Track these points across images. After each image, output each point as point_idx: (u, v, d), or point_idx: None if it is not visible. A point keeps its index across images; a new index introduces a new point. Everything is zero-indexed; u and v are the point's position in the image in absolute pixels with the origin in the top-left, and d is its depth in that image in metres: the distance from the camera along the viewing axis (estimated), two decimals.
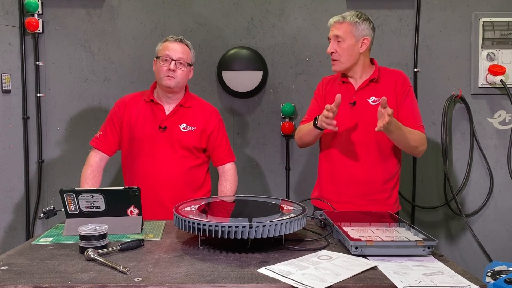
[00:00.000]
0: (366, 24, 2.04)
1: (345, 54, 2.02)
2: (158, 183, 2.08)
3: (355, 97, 2.07)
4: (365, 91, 2.07)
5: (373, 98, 2.05)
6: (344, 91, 2.08)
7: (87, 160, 2.16)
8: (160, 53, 2.10)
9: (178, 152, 2.11)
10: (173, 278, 1.22)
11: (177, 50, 2.08)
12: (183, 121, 2.13)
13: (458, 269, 1.30)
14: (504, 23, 2.78)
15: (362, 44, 2.04)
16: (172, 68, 2.05)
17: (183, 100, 2.15)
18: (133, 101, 2.18)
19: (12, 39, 2.77)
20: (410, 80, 2.82)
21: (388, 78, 2.08)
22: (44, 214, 1.74)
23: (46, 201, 2.88)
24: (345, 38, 2.01)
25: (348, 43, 2.02)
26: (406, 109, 2.04)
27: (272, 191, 2.92)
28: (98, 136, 2.18)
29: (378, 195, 2.06)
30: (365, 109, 2.04)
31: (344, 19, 2.03)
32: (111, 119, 2.18)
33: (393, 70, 2.15)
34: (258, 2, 2.84)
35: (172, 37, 2.13)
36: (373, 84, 2.07)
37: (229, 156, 2.23)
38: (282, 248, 1.48)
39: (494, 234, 2.88)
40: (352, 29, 2.01)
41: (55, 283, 1.20)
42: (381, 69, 2.12)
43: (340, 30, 2.02)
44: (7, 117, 2.77)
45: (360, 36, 2.02)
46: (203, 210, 1.59)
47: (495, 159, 2.86)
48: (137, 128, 2.13)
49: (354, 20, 2.02)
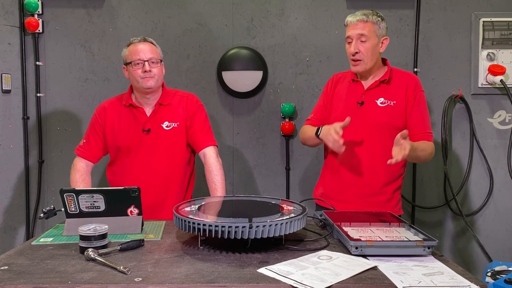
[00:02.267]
0: (384, 24, 2.03)
1: (369, 54, 1.98)
2: (149, 186, 2.04)
3: (363, 97, 2.04)
4: (374, 92, 2.04)
5: (382, 100, 2.02)
6: (353, 90, 2.07)
7: (73, 166, 2.15)
8: (130, 58, 2.06)
9: (165, 152, 2.10)
10: (173, 278, 1.22)
11: (145, 50, 2.06)
12: (165, 119, 2.11)
13: (458, 269, 1.30)
14: (504, 23, 2.78)
15: (382, 44, 2.02)
16: (148, 69, 2.03)
17: (161, 99, 2.13)
18: (112, 107, 2.16)
19: (12, 39, 2.77)
20: None
21: (400, 81, 2.05)
22: (44, 214, 1.74)
23: (46, 201, 2.88)
24: (370, 37, 1.97)
25: (372, 43, 1.98)
26: (416, 115, 2.02)
27: (272, 191, 2.92)
28: (82, 145, 2.17)
29: (378, 197, 2.05)
30: (373, 109, 2.02)
31: (368, 17, 1.98)
32: (93, 127, 2.16)
33: (406, 73, 2.11)
34: (258, 2, 2.84)
35: (135, 39, 2.10)
36: (383, 85, 2.04)
37: (208, 140, 2.15)
38: (282, 248, 1.48)
39: (494, 234, 2.88)
40: (375, 28, 1.98)
41: (55, 283, 1.20)
42: (393, 70, 2.08)
43: (365, 29, 1.97)
44: (7, 117, 2.77)
45: (381, 36, 2.01)
46: (203, 210, 1.58)
47: (495, 159, 2.86)
48: (120, 135, 2.11)
49: (376, 19, 1.99)
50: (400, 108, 2.02)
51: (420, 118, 2.02)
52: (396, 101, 2.02)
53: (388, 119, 2.01)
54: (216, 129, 2.84)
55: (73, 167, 2.15)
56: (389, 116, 2.01)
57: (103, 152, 2.19)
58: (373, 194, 2.05)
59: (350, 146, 2.03)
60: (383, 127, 2.01)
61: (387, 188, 2.06)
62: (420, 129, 2.00)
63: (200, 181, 2.34)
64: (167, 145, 2.11)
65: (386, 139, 1.99)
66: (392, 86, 2.04)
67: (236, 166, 2.91)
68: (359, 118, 2.02)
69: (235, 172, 2.91)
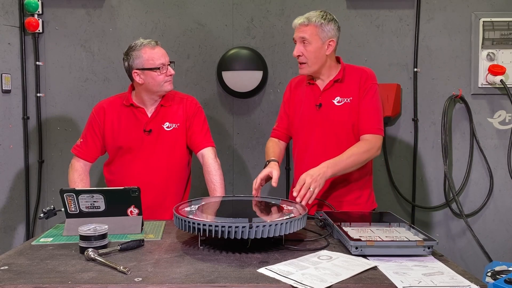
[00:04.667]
0: (331, 25, 1.96)
1: (312, 57, 1.97)
2: (148, 186, 2.03)
3: (320, 98, 2.02)
4: (330, 92, 2.02)
5: (338, 99, 2.00)
6: (311, 93, 2.06)
7: (71, 166, 2.15)
8: (152, 64, 2.01)
9: (165, 152, 2.10)
10: (173, 278, 1.22)
11: (164, 53, 2.06)
12: (166, 120, 2.11)
13: (458, 269, 1.30)
14: (504, 23, 2.78)
15: (328, 46, 1.97)
16: (172, 72, 2.04)
17: (164, 100, 2.12)
18: (112, 107, 2.14)
19: (12, 39, 2.77)
20: (410, 80, 2.82)
21: (353, 77, 2.02)
22: (44, 214, 1.74)
23: (46, 201, 2.88)
24: (311, 40, 1.95)
25: (315, 46, 1.95)
26: (363, 109, 1.97)
27: (272, 191, 2.91)
28: (80, 144, 2.15)
29: (347, 197, 2.03)
30: (331, 110, 2.00)
31: (309, 21, 1.95)
32: (92, 126, 2.14)
33: (359, 68, 2.06)
34: (258, 2, 2.84)
35: (150, 43, 2.05)
36: (337, 84, 2.02)
37: (206, 141, 2.15)
38: (282, 248, 1.48)
39: (494, 234, 2.88)
40: (318, 31, 1.95)
41: (55, 283, 1.20)
42: (346, 67, 2.05)
43: (306, 33, 1.94)
44: (7, 117, 2.77)
45: (326, 38, 1.96)
46: (203, 210, 1.58)
47: (495, 159, 2.86)
48: (121, 135, 2.10)
49: (320, 22, 1.94)
50: (355, 104, 1.99)
51: (369, 112, 1.97)
52: (352, 97, 1.99)
53: (348, 117, 1.98)
54: (216, 129, 2.84)
55: (71, 167, 2.15)
56: (349, 114, 1.98)
57: (100, 152, 2.18)
58: (341, 195, 2.03)
59: (313, 148, 2.02)
60: (344, 126, 1.99)
61: (354, 186, 2.03)
62: (367, 125, 1.96)
63: (200, 181, 2.34)
64: (168, 146, 2.11)
65: (350, 137, 1.98)
66: (345, 83, 2.02)
67: (236, 166, 2.91)
68: (319, 120, 2.01)
69: (235, 172, 2.91)
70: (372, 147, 1.94)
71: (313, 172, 1.77)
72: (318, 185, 1.74)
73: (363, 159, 1.92)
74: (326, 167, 1.80)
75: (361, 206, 2.04)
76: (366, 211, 1.97)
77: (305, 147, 2.07)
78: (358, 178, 2.05)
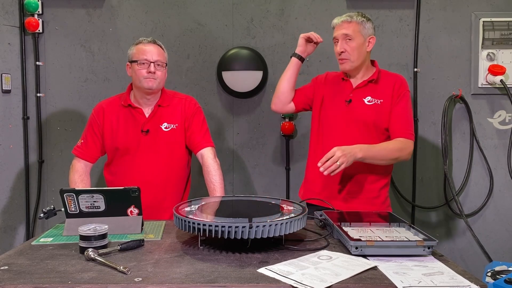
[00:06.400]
0: (370, 24, 2.08)
1: (354, 53, 2.04)
2: (148, 186, 2.02)
3: (351, 95, 2.09)
4: (362, 90, 2.08)
5: (369, 98, 2.06)
6: (342, 88, 2.12)
7: (72, 166, 2.15)
8: (136, 57, 2.06)
9: (163, 153, 2.10)
10: (173, 278, 1.22)
11: (153, 52, 2.06)
12: (164, 120, 2.12)
13: (458, 269, 1.30)
14: (504, 23, 2.78)
15: (369, 43, 2.07)
16: (153, 70, 2.03)
17: (161, 100, 2.13)
18: (111, 107, 2.15)
19: (12, 39, 2.77)
20: (410, 80, 2.82)
21: (387, 81, 2.09)
22: (44, 214, 1.74)
23: (46, 201, 2.88)
24: (354, 37, 2.03)
25: (357, 42, 2.04)
26: (396, 114, 2.04)
27: (272, 191, 2.92)
28: (80, 145, 2.16)
29: (364, 194, 2.07)
30: (360, 108, 2.06)
31: (352, 18, 2.05)
32: (92, 127, 2.15)
33: (394, 74, 2.15)
34: (258, 2, 2.84)
35: (145, 40, 2.10)
36: (371, 84, 2.09)
37: (206, 141, 2.15)
38: (282, 248, 1.48)
39: (494, 234, 2.88)
40: (360, 28, 2.04)
41: (55, 283, 1.20)
42: (381, 71, 2.13)
43: (349, 29, 2.03)
44: (7, 117, 2.77)
45: (367, 35, 2.06)
46: (203, 210, 1.58)
47: (495, 159, 2.86)
48: (119, 135, 2.11)
49: (361, 19, 2.05)
50: (386, 107, 2.05)
51: (401, 117, 2.03)
52: (383, 99, 2.06)
53: (375, 118, 2.04)
54: (216, 129, 2.85)
55: (72, 168, 2.15)
56: (376, 114, 2.05)
57: (101, 153, 2.18)
58: (358, 191, 2.06)
59: (336, 143, 2.02)
60: (370, 125, 2.05)
61: (373, 186, 2.07)
62: (399, 129, 2.02)
63: (199, 181, 2.34)
64: (166, 146, 2.11)
65: (373, 137, 2.04)
66: (379, 85, 2.08)
67: (236, 166, 2.91)
68: (347, 115, 2.07)
69: (235, 172, 2.91)
70: (405, 148, 2.00)
71: (345, 148, 1.82)
72: (346, 161, 1.79)
73: (393, 156, 1.98)
74: (359, 148, 1.86)
75: (377, 207, 2.05)
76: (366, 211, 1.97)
77: (325, 139, 2.11)
78: (379, 179, 2.08)
